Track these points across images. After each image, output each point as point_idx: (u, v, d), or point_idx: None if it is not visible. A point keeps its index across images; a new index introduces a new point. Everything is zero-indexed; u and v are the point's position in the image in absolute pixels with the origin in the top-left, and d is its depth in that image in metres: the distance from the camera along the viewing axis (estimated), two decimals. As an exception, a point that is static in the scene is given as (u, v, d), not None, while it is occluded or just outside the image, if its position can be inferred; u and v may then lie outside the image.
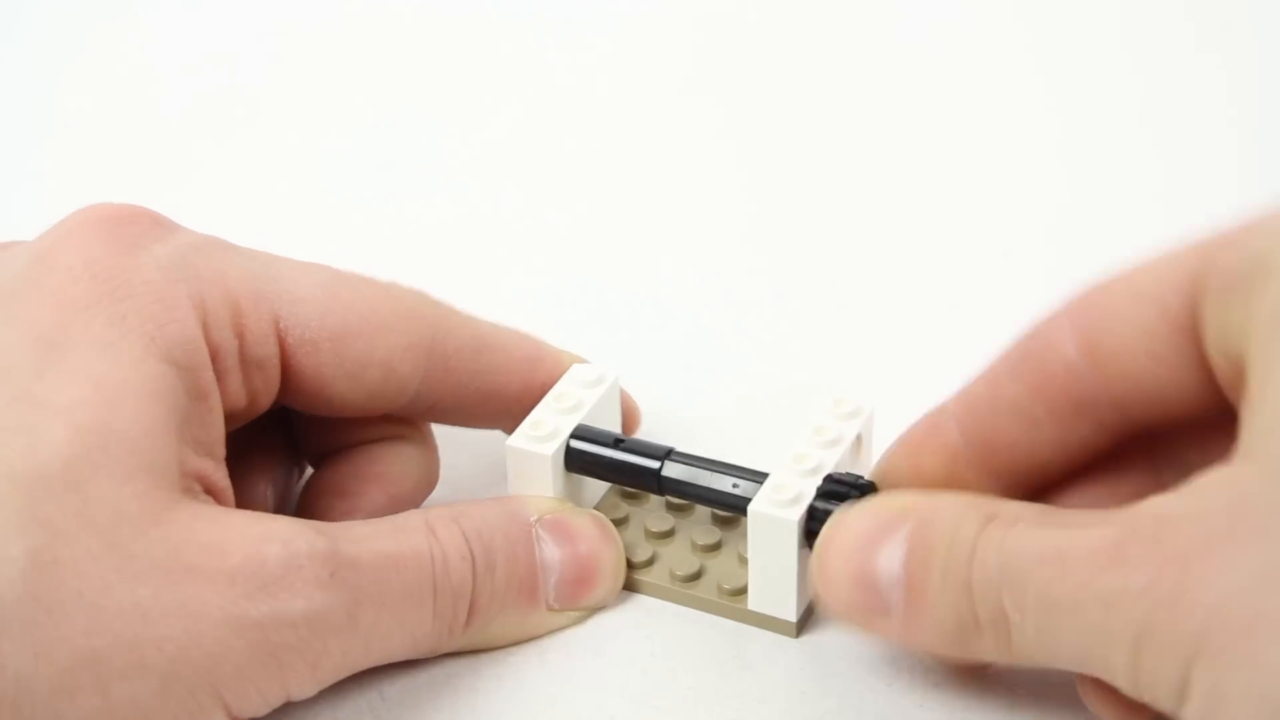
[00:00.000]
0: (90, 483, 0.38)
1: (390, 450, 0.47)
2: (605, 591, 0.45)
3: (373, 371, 0.44)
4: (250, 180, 0.65)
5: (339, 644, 0.39)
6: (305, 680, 0.39)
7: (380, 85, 0.71)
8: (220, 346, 0.42)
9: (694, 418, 0.51)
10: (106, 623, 0.37)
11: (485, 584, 0.42)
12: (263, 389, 0.44)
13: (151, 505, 0.38)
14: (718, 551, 0.46)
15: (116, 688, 0.37)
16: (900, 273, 0.58)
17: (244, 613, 0.38)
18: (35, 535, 0.37)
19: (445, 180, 0.65)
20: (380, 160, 0.66)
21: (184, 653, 0.37)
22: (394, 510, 0.45)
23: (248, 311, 0.43)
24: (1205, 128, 0.65)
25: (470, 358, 0.46)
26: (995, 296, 0.57)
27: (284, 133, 0.68)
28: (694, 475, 0.45)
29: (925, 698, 0.42)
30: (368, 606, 0.40)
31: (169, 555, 0.38)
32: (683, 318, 0.55)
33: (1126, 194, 0.62)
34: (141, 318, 0.41)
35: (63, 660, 0.37)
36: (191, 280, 0.42)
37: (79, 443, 0.38)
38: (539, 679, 0.43)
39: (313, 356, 0.44)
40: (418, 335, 0.45)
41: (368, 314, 0.44)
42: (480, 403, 0.47)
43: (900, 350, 0.54)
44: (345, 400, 0.45)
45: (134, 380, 0.40)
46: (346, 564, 0.40)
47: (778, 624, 0.44)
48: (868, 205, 0.62)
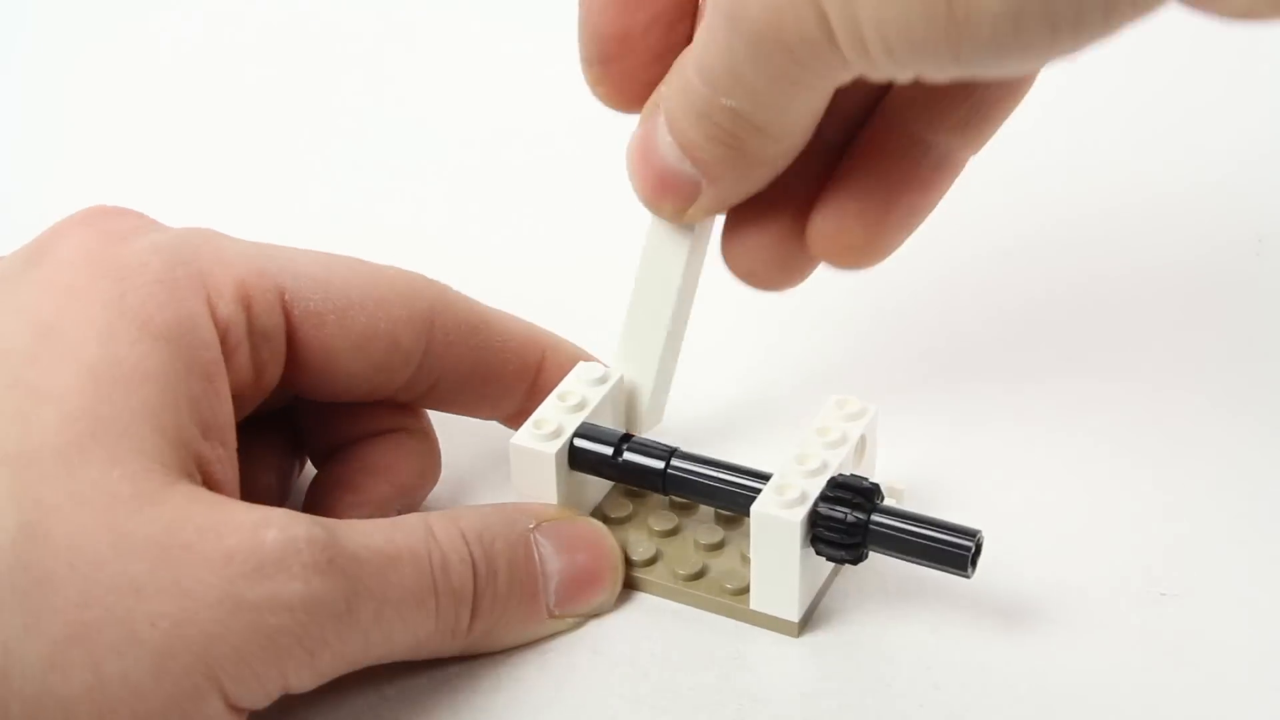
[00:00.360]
0: (81, 468, 0.38)
1: (393, 442, 0.47)
2: (604, 597, 0.45)
3: (378, 343, 0.45)
4: (243, 181, 0.65)
5: (336, 633, 0.39)
6: (303, 669, 0.39)
7: (374, 82, 0.71)
8: (229, 320, 0.42)
9: (694, 417, 0.51)
10: (99, 596, 0.37)
11: (487, 588, 0.42)
12: (269, 364, 0.44)
13: (145, 487, 0.38)
14: (720, 551, 0.46)
15: (109, 663, 0.36)
16: (903, 274, 0.58)
17: (240, 593, 0.38)
18: (27, 511, 0.37)
19: (444, 178, 0.65)
20: (375, 160, 0.66)
21: (178, 629, 0.37)
22: (400, 501, 0.46)
23: (252, 284, 0.43)
24: (1205, 128, 0.65)
25: (469, 333, 0.46)
26: (996, 297, 0.57)
27: (277, 133, 0.68)
28: (698, 475, 0.45)
29: (925, 698, 0.42)
30: (366, 599, 0.40)
31: (164, 532, 0.38)
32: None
33: (1127, 193, 0.62)
34: (140, 298, 0.40)
35: (54, 633, 0.36)
36: (192, 261, 0.42)
37: (69, 428, 0.38)
38: (539, 679, 0.43)
39: (319, 329, 0.44)
40: (417, 309, 0.45)
41: (369, 288, 0.45)
42: (479, 382, 0.47)
43: (902, 352, 0.54)
44: (351, 374, 0.45)
45: (128, 362, 0.39)
46: (345, 554, 0.39)
47: (779, 624, 0.44)
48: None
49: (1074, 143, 0.65)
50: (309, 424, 0.47)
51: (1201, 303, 0.56)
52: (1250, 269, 0.58)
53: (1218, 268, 0.58)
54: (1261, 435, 0.50)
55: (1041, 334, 0.55)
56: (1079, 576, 0.45)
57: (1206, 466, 0.49)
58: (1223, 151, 0.64)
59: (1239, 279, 0.57)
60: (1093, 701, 0.42)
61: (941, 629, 0.44)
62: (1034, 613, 0.44)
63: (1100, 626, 0.44)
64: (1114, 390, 0.52)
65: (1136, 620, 0.44)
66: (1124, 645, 0.43)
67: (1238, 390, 0.52)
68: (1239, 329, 0.55)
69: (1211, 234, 0.59)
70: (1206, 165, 0.63)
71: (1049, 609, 0.44)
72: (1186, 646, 0.43)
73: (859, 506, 0.42)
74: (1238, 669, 0.43)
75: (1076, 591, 0.45)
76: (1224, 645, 0.43)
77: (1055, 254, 0.59)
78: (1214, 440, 0.50)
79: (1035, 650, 0.43)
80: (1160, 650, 0.43)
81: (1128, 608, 0.44)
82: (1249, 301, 0.56)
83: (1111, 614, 0.44)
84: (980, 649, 0.43)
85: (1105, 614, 0.44)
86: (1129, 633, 0.44)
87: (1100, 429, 0.51)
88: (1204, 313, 0.56)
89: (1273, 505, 0.48)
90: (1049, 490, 0.48)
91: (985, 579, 0.45)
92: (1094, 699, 0.42)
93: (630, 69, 0.42)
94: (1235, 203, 0.61)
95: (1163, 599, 0.45)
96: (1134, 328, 0.55)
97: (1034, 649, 0.43)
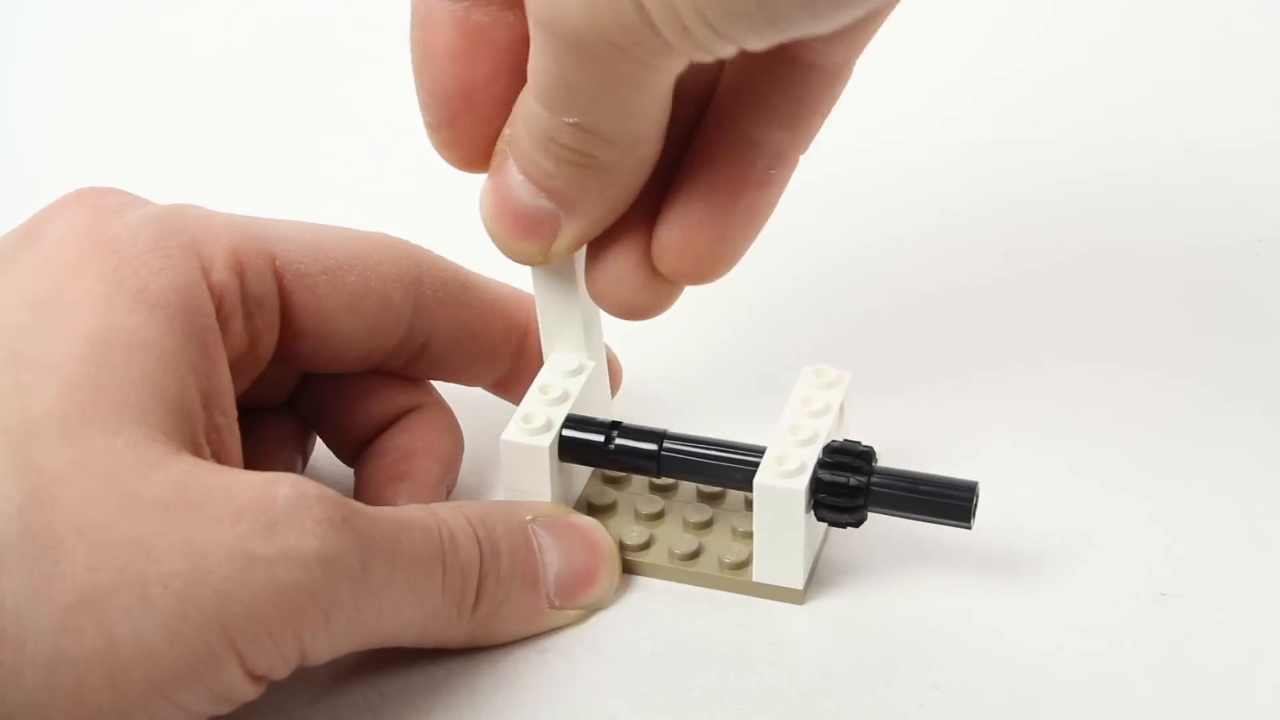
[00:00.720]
0: (83, 438, 0.38)
1: (419, 420, 0.47)
2: (602, 589, 0.45)
3: (369, 301, 0.45)
4: (229, 167, 0.65)
5: (351, 594, 0.39)
6: (319, 631, 0.38)
7: (366, 78, 0.71)
8: (223, 287, 0.42)
9: (666, 396, 0.52)
10: (109, 559, 0.36)
11: (491, 568, 0.42)
12: (264, 330, 0.44)
13: (148, 454, 0.38)
14: (710, 528, 0.46)
15: (121, 626, 0.36)
16: (903, 276, 0.58)
17: (252, 550, 0.37)
18: (32, 479, 0.37)
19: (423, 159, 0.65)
20: (360, 148, 0.66)
21: (190, 589, 0.36)
22: (448, 478, 0.47)
23: (244, 250, 0.43)
24: (1205, 128, 0.65)
25: (456, 292, 0.47)
26: (996, 297, 0.57)
27: (269, 123, 0.68)
28: (695, 455, 0.45)
29: (925, 698, 0.42)
30: (379, 559, 0.39)
31: (172, 494, 0.37)
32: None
33: (1127, 192, 0.62)
34: (133, 268, 0.41)
35: (64, 597, 0.36)
36: (183, 231, 0.42)
37: (70, 399, 0.38)
38: (539, 679, 0.43)
39: (311, 291, 0.44)
40: (404, 267, 0.46)
41: (356, 249, 0.45)
42: (468, 341, 0.47)
43: (859, 321, 0.55)
44: (346, 335, 0.45)
45: (125, 331, 0.39)
46: (357, 512, 0.39)
47: (784, 593, 0.44)
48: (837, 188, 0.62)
49: (1074, 142, 0.65)
50: (325, 419, 0.48)
51: (1201, 303, 0.56)
52: (1250, 269, 0.58)
53: (1218, 268, 0.58)
54: (1261, 435, 0.50)
55: (1041, 334, 0.55)
56: (1079, 576, 0.45)
57: (1206, 466, 0.49)
58: (1223, 152, 0.64)
59: (1239, 279, 0.57)
60: (1093, 701, 0.42)
61: (941, 628, 0.44)
62: (1034, 612, 0.44)
63: (1100, 626, 0.44)
64: (1114, 390, 0.52)
65: (1137, 620, 0.44)
66: (1124, 645, 0.43)
67: (1238, 390, 0.52)
68: (1239, 329, 0.55)
69: (1211, 234, 0.59)
70: (1207, 165, 0.63)
71: (1049, 608, 0.44)
72: (1186, 646, 0.43)
73: (859, 470, 0.43)
74: (1238, 669, 0.43)
75: (1076, 591, 0.45)
76: (1224, 645, 0.43)
77: (1055, 254, 0.59)
78: (1214, 440, 0.50)
79: (1035, 649, 0.43)
80: (1160, 650, 0.43)
81: (1128, 608, 0.44)
82: (1249, 301, 0.56)
83: (1111, 614, 0.44)
84: (981, 648, 0.43)
85: (1105, 614, 0.44)
86: (1129, 633, 0.44)
87: (1099, 429, 0.51)
88: (1204, 313, 0.56)
89: (1273, 505, 0.48)
90: (1049, 490, 0.48)
91: (984, 577, 0.45)
92: (1094, 698, 0.42)
93: (478, 126, 0.42)
94: (1235, 203, 0.61)
95: (1163, 599, 0.45)
96: (1134, 327, 0.55)
97: (1034, 648, 0.43)
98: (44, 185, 0.59)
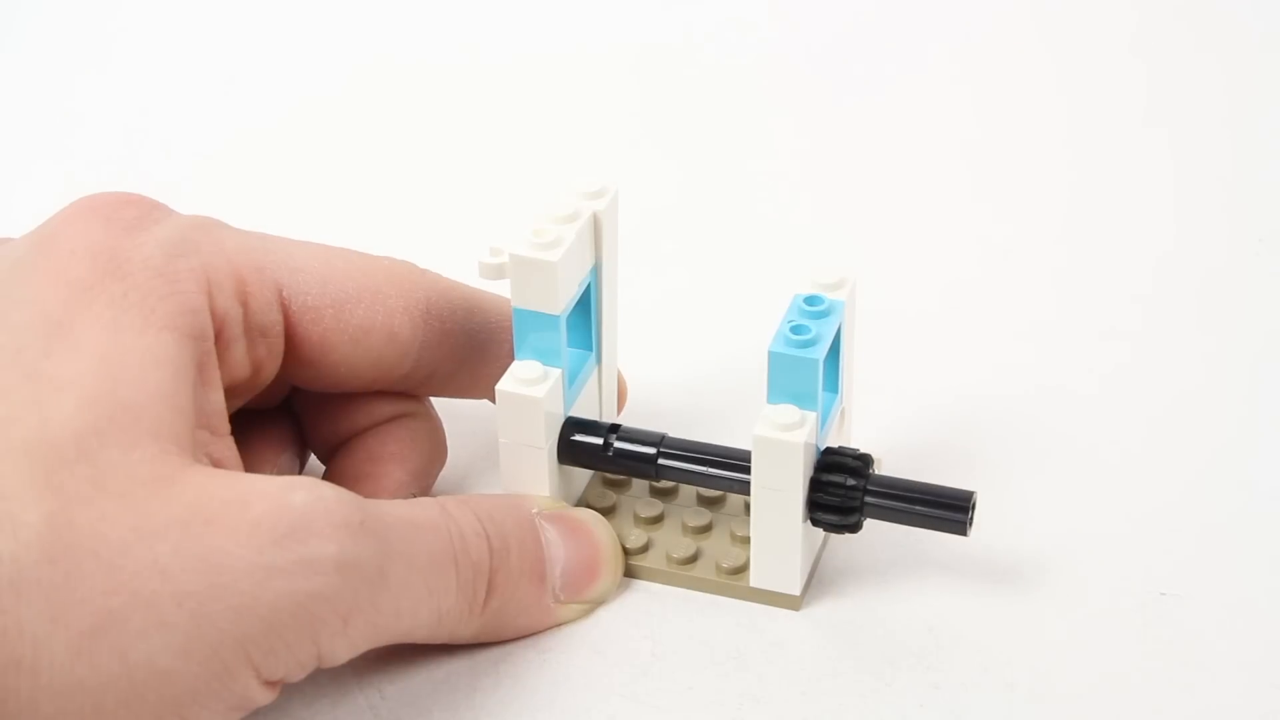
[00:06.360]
0: (100, 452, 0.38)
1: (399, 428, 0.47)
2: (607, 584, 0.45)
3: (375, 336, 0.45)
4: (247, 178, 0.65)
5: (370, 598, 0.39)
6: (336, 637, 0.38)
7: (371, 91, 0.71)
8: (226, 314, 0.42)
9: (666, 401, 0.52)
10: (124, 581, 0.36)
11: (501, 563, 0.42)
12: (267, 359, 0.44)
13: (163, 468, 0.38)
14: (709, 533, 0.46)
15: (135, 650, 0.36)
16: (901, 277, 0.58)
17: (270, 561, 0.37)
18: (50, 501, 0.37)
19: (411, 158, 0.65)
20: (370, 159, 0.66)
21: (206, 608, 0.36)
22: (414, 486, 0.46)
23: (251, 280, 0.43)
24: (1205, 127, 0.65)
25: (464, 318, 0.47)
26: (995, 298, 0.57)
27: (283, 134, 0.69)
28: (693, 458, 0.45)
29: (925, 698, 0.42)
30: (398, 561, 0.39)
31: (187, 510, 0.37)
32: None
33: (1127, 192, 0.62)
34: (142, 293, 0.41)
35: (81, 624, 0.36)
36: (192, 255, 0.42)
37: (86, 414, 0.38)
38: (539, 679, 0.43)
39: (317, 324, 0.44)
40: (413, 299, 0.46)
41: (365, 281, 0.45)
42: (475, 364, 0.47)
43: (859, 320, 0.55)
44: (350, 367, 0.45)
45: (137, 350, 0.40)
46: (374, 515, 0.39)
47: (781, 599, 0.44)
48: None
49: (1074, 142, 0.65)
50: (310, 418, 0.48)
51: (1202, 303, 0.56)
52: (1250, 269, 0.58)
53: (1218, 268, 0.58)
54: (1262, 435, 0.50)
55: (1040, 334, 0.55)
56: (1079, 576, 0.45)
57: (1206, 466, 0.49)
58: (1223, 151, 0.64)
59: (1239, 279, 0.57)
60: (1093, 701, 0.42)
61: (939, 627, 0.44)
62: (1034, 612, 0.44)
63: (1100, 626, 0.44)
64: (1113, 390, 0.52)
65: (1137, 620, 0.44)
66: (1124, 645, 0.43)
67: (1237, 390, 0.52)
68: (1239, 329, 0.55)
69: (1211, 234, 0.60)
70: (1206, 165, 0.63)
71: (1049, 608, 0.44)
72: (1186, 646, 0.43)
73: (857, 472, 0.43)
74: (1238, 669, 0.43)
75: (1076, 591, 0.45)
76: (1224, 645, 0.43)
77: (1054, 254, 0.59)
78: (1213, 440, 0.50)
79: (1035, 649, 0.43)
80: (1160, 650, 0.43)
81: (1128, 608, 0.44)
82: (1249, 301, 0.56)
83: (1112, 614, 0.44)
84: (981, 648, 0.43)
85: (1105, 613, 0.44)
86: (1129, 633, 0.44)
87: (1099, 429, 0.51)
88: (1204, 313, 0.56)
89: (1273, 505, 0.48)
90: (1049, 491, 0.48)
91: (984, 578, 0.45)
92: (1094, 698, 0.42)
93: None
94: (1235, 203, 0.61)
95: (1163, 599, 0.45)
96: (1134, 327, 0.55)
97: (1034, 648, 0.43)
98: (61, 184, 0.59)
